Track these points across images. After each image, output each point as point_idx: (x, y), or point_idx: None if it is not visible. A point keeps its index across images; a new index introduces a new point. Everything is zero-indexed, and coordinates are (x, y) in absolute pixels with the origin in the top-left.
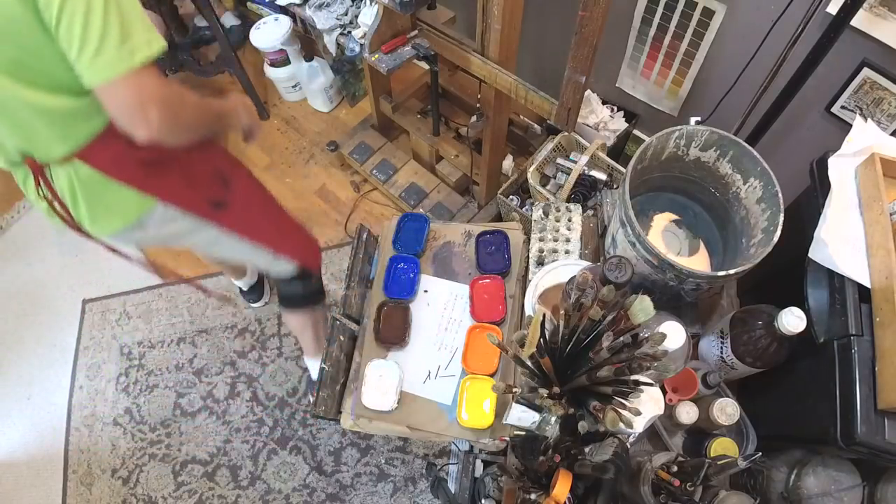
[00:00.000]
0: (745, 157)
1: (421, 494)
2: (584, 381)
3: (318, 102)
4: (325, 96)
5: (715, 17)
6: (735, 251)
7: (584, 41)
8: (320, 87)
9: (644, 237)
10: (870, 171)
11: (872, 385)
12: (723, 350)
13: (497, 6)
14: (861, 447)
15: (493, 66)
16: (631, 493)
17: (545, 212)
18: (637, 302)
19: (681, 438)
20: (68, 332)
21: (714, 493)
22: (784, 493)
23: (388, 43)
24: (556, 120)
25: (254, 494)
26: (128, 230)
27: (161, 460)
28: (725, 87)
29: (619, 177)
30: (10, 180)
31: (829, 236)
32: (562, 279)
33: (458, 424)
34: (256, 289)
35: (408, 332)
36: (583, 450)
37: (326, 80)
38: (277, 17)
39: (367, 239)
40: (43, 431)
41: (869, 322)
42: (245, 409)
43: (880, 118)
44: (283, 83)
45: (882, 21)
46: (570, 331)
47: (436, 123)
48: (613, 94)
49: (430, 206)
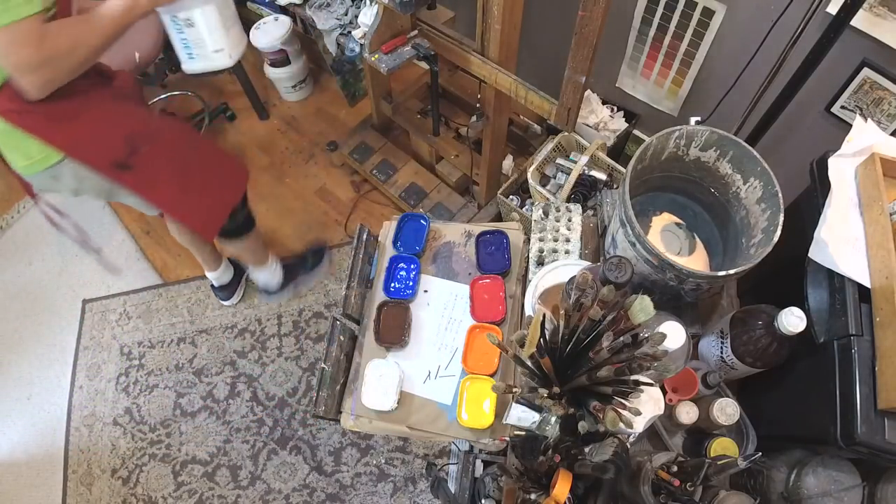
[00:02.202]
0: (745, 157)
1: (421, 494)
2: (584, 381)
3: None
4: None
5: (715, 17)
6: (735, 251)
7: (584, 41)
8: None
9: (644, 237)
10: (870, 171)
11: (872, 385)
12: (723, 350)
13: (497, 6)
14: (861, 447)
15: (493, 66)
16: (631, 493)
17: (545, 212)
18: (637, 302)
19: (681, 438)
20: (68, 332)
21: (714, 493)
22: (784, 493)
23: (388, 43)
24: (556, 120)
25: (254, 494)
26: (43, 177)
27: (161, 460)
28: (725, 87)
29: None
30: (11, 180)
31: (829, 236)
32: (562, 279)
33: (458, 424)
34: (228, 287)
35: (408, 332)
36: (583, 450)
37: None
38: (277, 17)
39: (367, 239)
40: (43, 431)
41: (869, 322)
42: (245, 409)
43: (880, 118)
44: (283, 83)
45: (882, 21)
46: (570, 331)
47: (436, 123)
48: (613, 94)
49: (430, 206)
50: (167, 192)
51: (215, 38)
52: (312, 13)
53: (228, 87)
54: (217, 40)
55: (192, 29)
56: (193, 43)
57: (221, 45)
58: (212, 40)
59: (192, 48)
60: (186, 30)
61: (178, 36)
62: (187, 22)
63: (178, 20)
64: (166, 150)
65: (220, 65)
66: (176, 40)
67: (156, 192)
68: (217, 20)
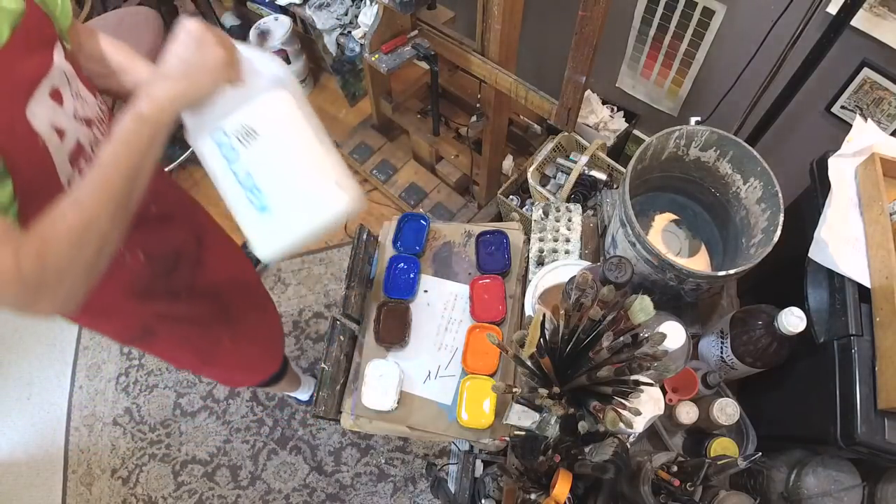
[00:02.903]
0: (745, 157)
1: (421, 494)
2: (584, 381)
3: None
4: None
5: (715, 17)
6: (735, 251)
7: (584, 41)
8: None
9: (644, 237)
10: (870, 171)
11: (872, 385)
12: (723, 350)
13: (497, 6)
14: (861, 447)
15: (493, 66)
16: (631, 493)
17: (545, 212)
18: (637, 302)
19: (681, 438)
20: (68, 332)
21: (714, 493)
22: (784, 493)
23: (388, 43)
24: (556, 120)
25: (254, 494)
26: None
27: (161, 460)
28: (725, 87)
29: (619, 177)
30: None
31: (829, 236)
32: (562, 279)
33: (458, 424)
34: (307, 392)
35: (408, 332)
36: (583, 450)
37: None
38: (277, 17)
39: (367, 239)
40: (43, 431)
41: (869, 322)
42: (245, 409)
43: (880, 118)
44: None
45: (882, 21)
46: (570, 331)
47: (436, 123)
48: (613, 94)
49: (430, 206)
50: (186, 362)
51: (309, 155)
52: (312, 13)
53: None
54: (314, 157)
55: (256, 145)
56: (264, 178)
57: (321, 166)
58: (302, 159)
59: (263, 190)
60: (246, 149)
61: (228, 169)
62: (245, 133)
63: (227, 133)
64: (186, 332)
65: (333, 211)
66: (229, 185)
67: (173, 360)
68: (303, 121)
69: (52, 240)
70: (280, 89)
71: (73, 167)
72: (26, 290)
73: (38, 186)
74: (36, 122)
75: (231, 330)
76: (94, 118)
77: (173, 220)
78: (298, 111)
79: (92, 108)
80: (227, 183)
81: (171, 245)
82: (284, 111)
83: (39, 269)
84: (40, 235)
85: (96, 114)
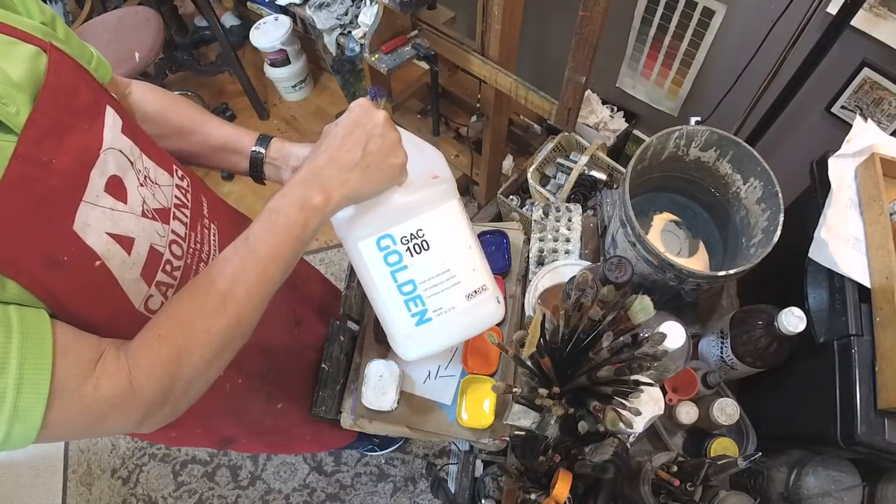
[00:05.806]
0: (745, 157)
1: (421, 494)
2: (584, 381)
3: None
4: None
5: (715, 17)
6: (735, 251)
7: (584, 41)
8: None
9: (644, 237)
10: (870, 171)
11: (872, 385)
12: (723, 350)
13: (497, 6)
14: (861, 447)
15: (493, 66)
16: (631, 493)
17: (545, 212)
18: (637, 302)
19: (681, 438)
20: None
21: (714, 493)
22: (784, 493)
23: (388, 43)
24: (556, 120)
25: (254, 494)
26: None
27: (161, 460)
28: (725, 87)
29: (619, 177)
30: None
31: (829, 236)
32: (562, 279)
33: (458, 424)
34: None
35: None
36: (583, 450)
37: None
38: (277, 17)
39: None
40: None
41: (869, 322)
42: None
43: (880, 118)
44: (284, 83)
45: (882, 21)
46: (570, 331)
47: (436, 123)
48: (613, 94)
49: None
50: (265, 448)
51: (472, 267)
52: (312, 13)
53: (229, 87)
54: (477, 270)
55: (424, 255)
56: (429, 290)
57: (483, 278)
58: (467, 273)
59: (426, 301)
60: (412, 258)
61: (389, 275)
62: (416, 243)
63: (395, 239)
64: (267, 440)
65: (490, 324)
66: (385, 290)
67: (258, 451)
68: (468, 231)
69: (188, 347)
70: (451, 198)
71: (149, 284)
72: (147, 409)
73: (97, 322)
74: (90, 237)
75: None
76: (171, 205)
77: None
78: (465, 220)
79: (167, 191)
80: (383, 287)
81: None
82: (455, 224)
83: (167, 384)
84: (174, 343)
85: (173, 197)
